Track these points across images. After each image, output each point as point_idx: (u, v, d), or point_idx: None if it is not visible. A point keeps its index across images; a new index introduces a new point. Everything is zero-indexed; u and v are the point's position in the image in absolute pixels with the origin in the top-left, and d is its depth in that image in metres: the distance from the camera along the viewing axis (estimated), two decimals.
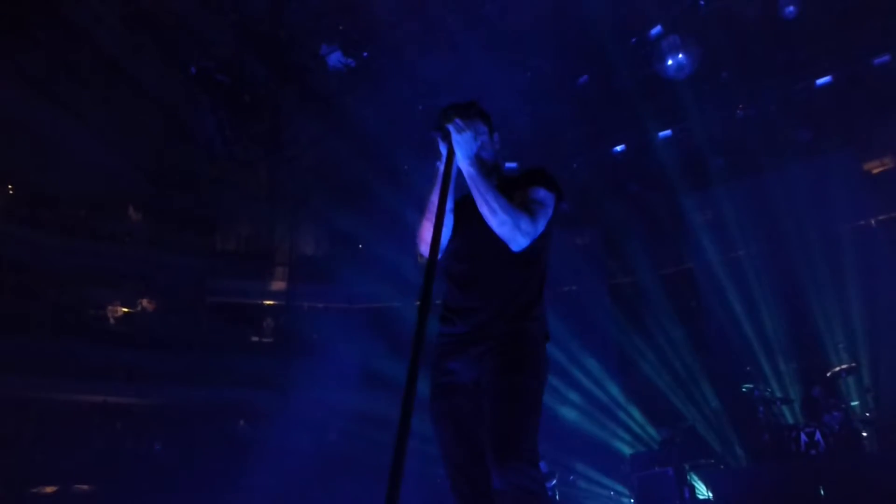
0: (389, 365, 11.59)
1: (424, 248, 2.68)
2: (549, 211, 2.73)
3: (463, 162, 2.58)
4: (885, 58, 9.92)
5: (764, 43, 9.73)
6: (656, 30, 9.78)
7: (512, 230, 2.57)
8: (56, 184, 13.54)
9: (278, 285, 16.56)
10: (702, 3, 9.44)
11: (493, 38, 9.39)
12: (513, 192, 2.72)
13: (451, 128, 2.56)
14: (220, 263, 16.73)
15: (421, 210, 2.77)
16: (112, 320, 15.28)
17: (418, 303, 2.10)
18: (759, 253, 11.76)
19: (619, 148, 11.93)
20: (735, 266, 11.95)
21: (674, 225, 12.92)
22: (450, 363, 2.64)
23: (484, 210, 2.58)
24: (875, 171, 12.51)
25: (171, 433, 13.79)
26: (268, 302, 16.86)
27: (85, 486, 12.07)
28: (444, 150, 2.60)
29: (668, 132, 11.44)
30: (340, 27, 9.69)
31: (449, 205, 2.64)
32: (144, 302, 15.72)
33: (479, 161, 2.63)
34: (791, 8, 8.89)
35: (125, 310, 15.45)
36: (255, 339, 16.29)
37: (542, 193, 2.72)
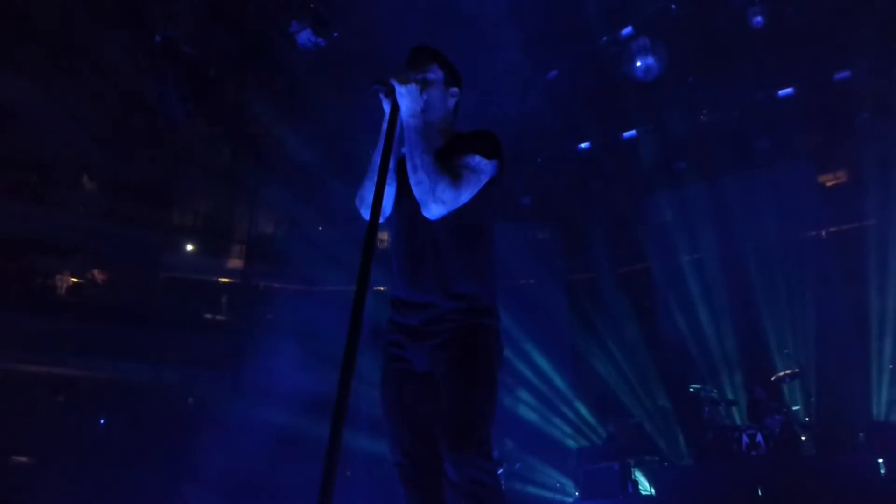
0: (343, 347, 11.52)
1: (366, 212, 2.56)
2: (482, 179, 2.55)
3: (405, 115, 2.47)
4: (846, 74, 10.16)
5: (731, 51, 9.88)
6: (627, 30, 9.85)
7: (426, 193, 2.43)
8: (6, 147, 13.13)
9: (235, 263, 16.34)
10: (673, 7, 9.53)
11: (465, 27, 9.34)
12: (454, 152, 2.59)
13: (394, 81, 2.44)
14: (175, 238, 16.45)
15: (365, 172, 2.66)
16: (60, 290, 14.92)
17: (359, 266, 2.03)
18: (714, 257, 11.99)
19: (583, 145, 12.01)
20: (690, 268, 12.16)
21: (633, 224, 13.10)
22: (402, 352, 2.59)
23: (408, 166, 2.48)
24: (829, 183, 12.83)
25: (116, 408, 13.53)
26: (223, 279, 16.64)
27: (23, 459, 11.79)
28: (387, 107, 2.49)
29: (632, 132, 11.56)
30: (312, 5, 9.54)
31: (391, 164, 2.51)
32: (95, 273, 15.38)
33: (421, 117, 2.49)
34: (759, 18, 9.03)
35: (74, 280, 15.10)
36: (208, 316, 16.07)
37: (475, 160, 2.54)
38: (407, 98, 2.45)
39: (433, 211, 2.47)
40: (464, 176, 2.50)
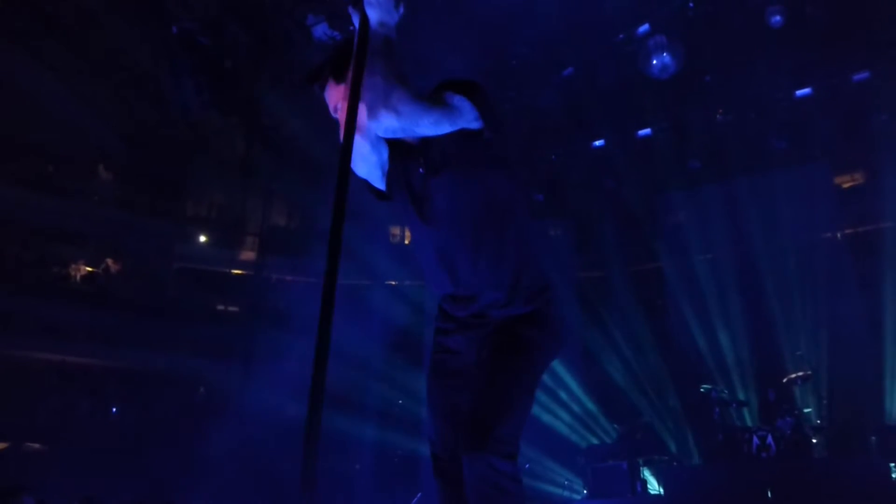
0: (353, 342, 11.59)
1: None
2: (455, 117, 2.26)
3: (373, 23, 2.20)
4: (865, 74, 10.06)
5: (748, 50, 9.81)
6: (644, 28, 9.79)
7: (376, 98, 2.17)
8: (24, 135, 13.23)
9: (248, 255, 16.41)
10: (690, 4, 9.47)
11: (480, 21, 9.32)
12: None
13: None
14: (189, 229, 16.54)
15: None
16: (75, 279, 15.04)
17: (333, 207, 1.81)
18: (727, 257, 11.92)
19: (598, 143, 11.97)
20: (702, 268, 12.10)
21: (646, 223, 13.04)
22: (451, 341, 2.47)
23: (365, 73, 2.16)
24: (845, 185, 12.74)
25: (128, 397, 13.66)
26: (236, 271, 16.71)
27: (36, 445, 11.92)
28: (356, 21, 2.22)
29: (647, 131, 11.50)
30: None
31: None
32: (110, 263, 15.49)
33: (392, 31, 2.23)
34: (778, 17, 8.96)
35: (89, 269, 15.22)
36: (220, 307, 16.15)
37: (445, 94, 2.27)
38: (376, 8, 2.22)
39: (382, 120, 2.20)
40: (428, 99, 2.25)
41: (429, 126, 2.24)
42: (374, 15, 2.21)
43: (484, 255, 2.34)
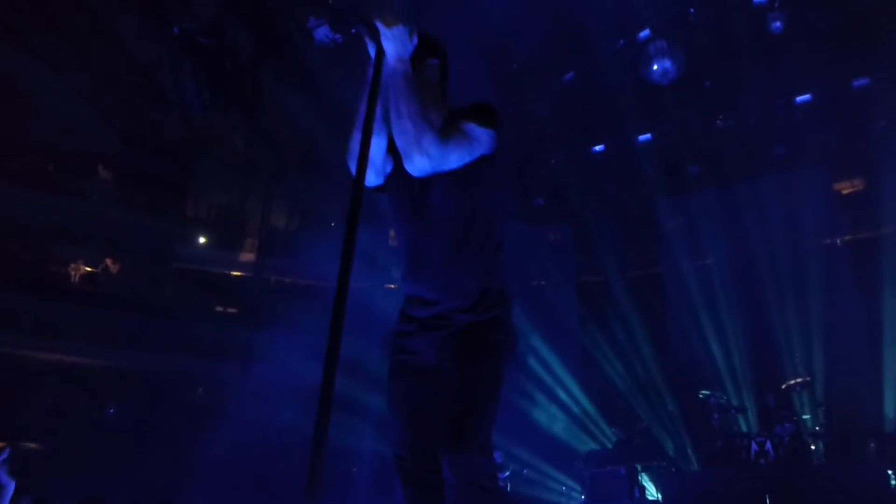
0: (353, 345, 11.57)
1: (354, 164, 2.25)
2: (475, 148, 2.37)
3: (391, 59, 2.23)
4: (865, 81, 10.07)
5: (748, 56, 9.81)
6: (645, 33, 9.80)
7: (410, 144, 2.24)
8: (24, 134, 13.24)
9: (247, 256, 16.43)
10: (692, 10, 9.47)
11: (481, 26, 9.33)
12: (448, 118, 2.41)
13: (378, 23, 2.21)
14: (189, 229, 16.56)
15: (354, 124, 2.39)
16: (74, 278, 15.03)
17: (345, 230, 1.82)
18: (726, 262, 11.92)
19: (598, 147, 11.96)
20: (702, 273, 12.10)
21: (646, 228, 13.04)
22: (412, 343, 2.52)
23: (392, 114, 2.26)
24: (845, 191, 12.75)
25: (126, 397, 13.64)
26: (235, 272, 16.72)
27: (33, 445, 11.89)
28: (372, 52, 2.27)
29: (647, 136, 11.50)
30: (330, 0, 9.56)
31: (381, 113, 2.32)
32: (109, 262, 15.49)
33: (409, 63, 2.28)
34: (778, 24, 8.97)
35: (88, 269, 15.21)
36: (219, 308, 16.14)
37: (468, 126, 2.35)
38: (392, 42, 2.22)
39: (417, 164, 2.28)
40: (454, 135, 2.32)
41: (455, 163, 2.34)
42: (391, 49, 2.23)
43: (458, 263, 2.43)
